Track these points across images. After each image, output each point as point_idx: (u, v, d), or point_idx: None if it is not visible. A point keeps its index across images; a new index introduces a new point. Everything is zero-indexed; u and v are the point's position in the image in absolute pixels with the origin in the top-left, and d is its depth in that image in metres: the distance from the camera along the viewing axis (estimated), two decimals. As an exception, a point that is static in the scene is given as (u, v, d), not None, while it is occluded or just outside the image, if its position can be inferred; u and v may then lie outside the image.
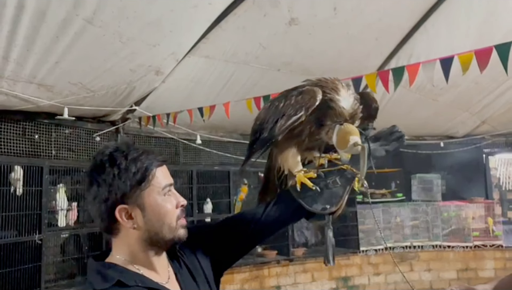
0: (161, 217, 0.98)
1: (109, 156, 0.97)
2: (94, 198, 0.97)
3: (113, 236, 1.00)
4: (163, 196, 0.99)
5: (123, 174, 0.95)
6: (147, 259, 1.00)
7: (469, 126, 6.09)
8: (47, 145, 3.57)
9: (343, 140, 1.12)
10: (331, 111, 1.14)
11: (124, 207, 0.96)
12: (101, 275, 0.95)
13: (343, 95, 1.16)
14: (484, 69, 1.92)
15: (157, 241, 0.99)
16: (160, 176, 0.99)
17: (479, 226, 5.92)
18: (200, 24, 3.17)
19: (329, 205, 1.15)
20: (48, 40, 2.58)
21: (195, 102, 3.71)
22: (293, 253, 5.20)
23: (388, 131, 1.24)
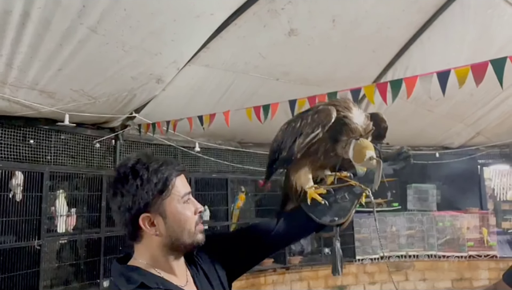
0: (182, 223, 1.03)
1: (131, 168, 1.02)
2: (119, 207, 1.02)
3: (136, 242, 1.05)
4: (182, 204, 1.04)
5: (145, 184, 1.00)
6: (167, 263, 1.04)
7: (464, 137, 6.17)
8: (46, 151, 3.59)
9: (359, 155, 1.18)
10: (347, 127, 1.21)
11: (147, 215, 1.01)
12: (125, 277, 0.99)
13: (355, 113, 1.23)
14: (480, 83, 1.97)
15: (178, 246, 1.04)
16: (179, 185, 1.04)
17: (473, 236, 5.97)
18: (202, 34, 3.22)
19: (337, 217, 1.21)
20: (52, 48, 2.62)
21: (194, 110, 3.75)
22: (290, 261, 5.23)
23: (396, 153, 1.30)
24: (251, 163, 5.46)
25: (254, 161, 5.52)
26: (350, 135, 1.21)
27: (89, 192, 3.65)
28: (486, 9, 3.83)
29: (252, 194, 5.31)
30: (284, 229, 1.22)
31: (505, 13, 3.84)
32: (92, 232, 3.64)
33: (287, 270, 5.22)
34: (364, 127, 1.23)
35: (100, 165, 4.11)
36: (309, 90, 3.95)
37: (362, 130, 1.22)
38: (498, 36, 4.09)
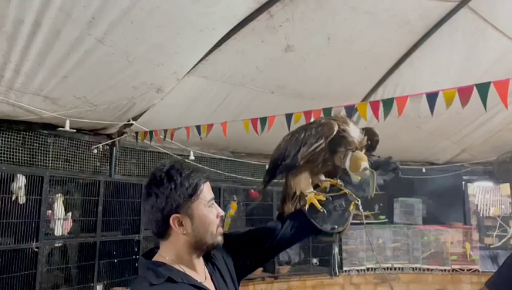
0: (206, 225, 1.14)
1: (166, 172, 1.13)
2: (152, 207, 1.13)
3: (163, 240, 1.16)
4: (208, 208, 1.15)
5: (178, 188, 1.11)
6: (190, 260, 1.15)
7: (450, 153, 6.36)
8: (45, 155, 3.66)
9: (355, 165, 1.33)
10: (345, 140, 1.36)
11: (177, 215, 1.12)
12: (153, 271, 1.10)
13: (352, 128, 1.38)
14: (465, 105, 2.12)
15: (201, 245, 1.15)
16: (206, 191, 1.16)
17: (457, 250, 6.14)
18: (202, 47, 3.34)
19: (337, 225, 1.35)
20: (59, 56, 2.71)
21: (190, 120, 3.85)
22: (278, 270, 5.31)
23: (385, 161, 1.43)
24: (243, 173, 5.57)
25: (246, 170, 5.63)
26: (348, 147, 1.36)
27: (86, 197, 3.71)
28: (473, 33, 4.02)
29: (244, 203, 5.40)
30: (288, 232, 1.34)
31: (491, 37, 4.04)
32: (87, 236, 3.69)
33: (275, 279, 5.30)
34: (359, 141, 1.38)
35: (97, 170, 4.18)
36: (303, 103, 4.10)
37: (357, 144, 1.36)
38: (484, 59, 4.29)
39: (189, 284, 1.10)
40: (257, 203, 5.51)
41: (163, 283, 1.07)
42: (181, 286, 1.09)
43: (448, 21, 3.84)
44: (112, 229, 3.92)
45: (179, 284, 1.09)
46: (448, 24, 3.87)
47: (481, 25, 3.90)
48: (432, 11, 3.67)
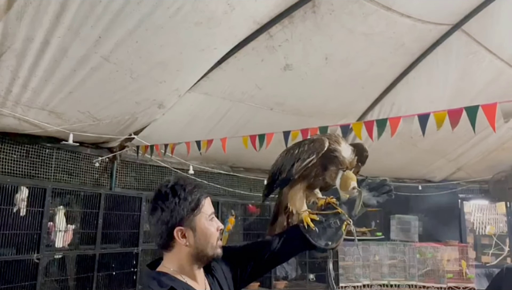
0: (207, 237, 1.22)
1: (171, 188, 1.22)
2: (158, 221, 1.21)
3: (166, 251, 1.24)
4: (209, 221, 1.23)
5: (182, 202, 1.20)
6: (192, 271, 1.22)
7: (446, 172, 6.45)
8: (48, 168, 3.73)
9: (344, 184, 1.41)
10: (336, 159, 1.43)
11: (180, 228, 1.20)
12: (157, 280, 1.17)
13: (343, 147, 1.45)
14: (455, 127, 2.21)
15: (202, 256, 1.22)
16: (207, 205, 1.25)
17: (453, 268, 6.15)
18: (204, 65, 3.45)
19: (331, 241, 1.41)
20: (66, 73, 2.81)
21: (190, 135, 3.93)
22: (275, 285, 5.34)
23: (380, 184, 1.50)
24: (241, 187, 5.63)
25: (244, 185, 5.69)
26: (339, 167, 1.43)
27: (86, 209, 3.77)
28: (467, 55, 4.15)
29: (241, 218, 5.46)
30: (284, 247, 1.41)
31: (484, 59, 4.17)
32: (87, 248, 3.74)
33: (272, 294, 5.33)
34: (350, 161, 1.45)
35: (98, 183, 4.25)
36: (301, 120, 4.20)
37: (348, 164, 1.44)
38: (478, 79, 4.41)
39: None
40: (255, 218, 5.56)
41: None
42: None
43: (443, 43, 3.97)
44: (111, 242, 3.97)
45: None
46: (443, 46, 4.00)
47: (474, 47, 4.03)
48: (426, 33, 3.80)
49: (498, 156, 5.89)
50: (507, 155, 5.97)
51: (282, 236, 1.43)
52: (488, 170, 6.24)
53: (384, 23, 3.52)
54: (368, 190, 1.50)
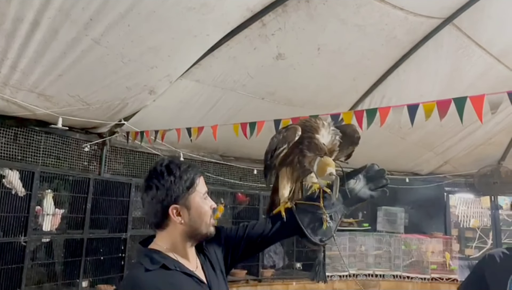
0: (201, 215, 1.24)
1: (166, 166, 1.23)
2: (152, 199, 1.22)
3: (160, 230, 1.25)
4: (203, 200, 1.25)
5: (177, 181, 1.21)
6: (184, 249, 1.24)
7: (433, 165, 6.53)
8: (36, 151, 3.70)
9: (321, 170, 1.39)
10: (313, 145, 1.43)
11: (176, 206, 1.21)
12: (149, 258, 1.19)
13: (323, 134, 1.44)
14: (443, 118, 2.25)
15: (196, 235, 1.24)
16: (201, 184, 1.27)
17: (437, 260, 6.27)
18: (196, 52, 3.44)
19: (325, 237, 1.42)
20: (56, 55, 2.77)
21: (181, 122, 3.93)
22: (262, 273, 5.39)
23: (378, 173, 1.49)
24: (232, 176, 5.65)
25: (234, 174, 5.71)
26: (316, 153, 1.42)
27: (75, 194, 3.75)
28: (457, 49, 4.19)
29: (231, 207, 5.48)
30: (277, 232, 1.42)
31: (474, 53, 4.22)
32: (75, 233, 3.74)
33: (259, 282, 5.37)
34: (329, 147, 1.44)
35: (87, 168, 4.23)
36: (292, 110, 4.21)
37: (326, 150, 1.43)
38: (467, 74, 4.47)
39: (181, 272, 1.19)
40: (244, 207, 5.59)
41: (157, 269, 1.16)
42: (174, 273, 1.18)
43: (434, 37, 4.00)
44: (99, 227, 3.97)
45: (172, 271, 1.18)
46: (434, 40, 4.03)
47: (465, 41, 4.07)
48: (418, 26, 3.82)
49: (484, 150, 5.99)
50: (493, 150, 6.08)
51: (276, 221, 1.43)
52: (474, 164, 6.34)
53: (377, 15, 3.54)
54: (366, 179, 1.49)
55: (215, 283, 1.26)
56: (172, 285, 1.15)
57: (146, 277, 1.14)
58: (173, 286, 1.15)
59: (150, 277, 1.14)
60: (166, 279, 1.15)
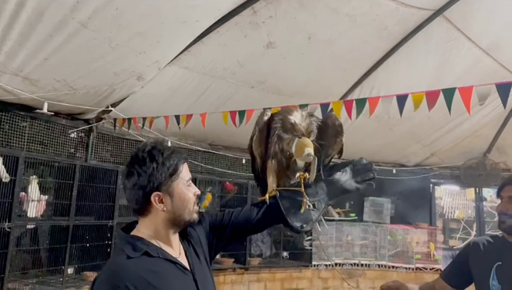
0: (185, 202, 1.21)
1: (148, 152, 1.20)
2: (134, 185, 1.18)
3: (142, 216, 1.22)
4: (186, 187, 1.22)
5: (160, 167, 1.18)
6: (167, 236, 1.22)
7: (420, 157, 6.60)
8: (21, 137, 3.63)
9: (299, 151, 1.39)
10: (289, 126, 1.43)
11: (158, 193, 1.18)
12: (131, 245, 1.16)
13: (297, 116, 1.45)
14: (431, 108, 2.26)
15: (179, 221, 1.22)
16: (185, 171, 1.23)
17: (421, 250, 6.38)
18: (185, 38, 3.39)
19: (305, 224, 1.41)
20: (41, 38, 2.71)
21: (169, 110, 3.89)
22: (249, 262, 5.41)
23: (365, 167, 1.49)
24: (220, 165, 5.64)
25: (223, 163, 5.70)
26: (293, 133, 1.42)
27: (61, 180, 3.71)
28: (447, 41, 4.21)
29: (219, 195, 5.48)
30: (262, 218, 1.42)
31: (463, 46, 4.24)
32: (61, 220, 3.69)
33: (246, 271, 5.40)
34: (306, 128, 1.44)
35: (73, 155, 4.17)
36: (281, 100, 4.20)
37: (304, 130, 1.43)
38: (456, 66, 4.49)
39: (164, 259, 1.17)
40: (232, 195, 5.59)
41: (139, 256, 1.14)
42: (157, 260, 1.16)
43: (424, 29, 4.00)
44: (85, 214, 3.93)
45: (155, 259, 1.16)
46: (424, 32, 4.04)
47: (454, 34, 4.09)
48: (409, 17, 3.82)
49: (470, 143, 6.07)
50: (479, 142, 6.16)
51: (261, 208, 1.43)
52: (460, 156, 6.42)
53: (368, 5, 3.53)
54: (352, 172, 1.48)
55: (198, 270, 1.25)
56: (155, 273, 1.13)
57: (127, 264, 1.12)
58: (155, 273, 1.13)
59: (132, 264, 1.12)
60: (148, 266, 1.13)
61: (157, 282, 1.11)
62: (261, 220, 1.42)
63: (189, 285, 1.20)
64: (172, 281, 1.16)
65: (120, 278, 1.08)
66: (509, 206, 1.70)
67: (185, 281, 1.20)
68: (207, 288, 1.25)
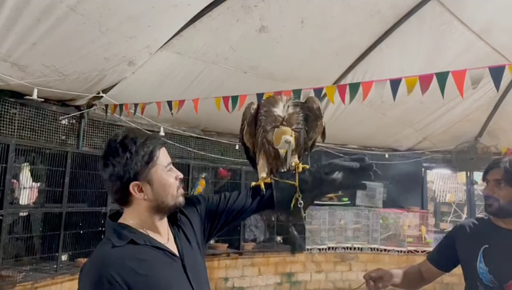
0: (166, 188, 1.19)
1: (120, 142, 1.16)
2: (110, 177, 1.16)
3: (125, 207, 1.20)
4: (166, 172, 1.20)
5: (134, 156, 1.15)
6: (153, 223, 1.20)
7: (412, 141, 6.64)
8: (10, 124, 3.58)
9: (278, 139, 1.41)
10: (270, 118, 1.44)
11: (136, 183, 1.15)
12: (117, 234, 1.15)
13: (279, 106, 1.45)
14: (425, 92, 2.26)
15: (163, 208, 1.20)
16: (162, 156, 1.20)
17: (413, 233, 6.46)
18: (177, 22, 3.34)
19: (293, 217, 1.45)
20: (29, 23, 2.65)
21: (162, 96, 3.85)
22: (243, 247, 5.45)
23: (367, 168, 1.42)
24: (213, 151, 5.63)
25: (216, 149, 5.69)
26: (273, 124, 1.43)
27: (52, 167, 3.68)
28: (440, 25, 4.20)
29: (212, 182, 5.48)
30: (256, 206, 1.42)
31: (456, 30, 4.23)
32: (53, 207, 3.68)
33: (240, 256, 5.45)
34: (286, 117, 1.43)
35: (64, 142, 4.13)
36: (274, 85, 4.18)
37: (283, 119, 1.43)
38: (449, 50, 4.49)
39: (151, 246, 1.16)
40: (226, 181, 5.60)
41: (125, 245, 1.12)
42: (143, 248, 1.14)
43: (417, 12, 3.98)
44: (78, 201, 3.91)
45: (142, 246, 1.14)
46: (417, 16, 4.02)
47: (448, 17, 4.07)
48: (402, 1, 3.81)
49: (462, 127, 6.11)
50: (471, 126, 6.20)
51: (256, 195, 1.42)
52: (452, 140, 6.46)
53: (361, -12, 3.50)
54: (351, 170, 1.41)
55: (189, 255, 1.23)
56: (141, 260, 1.11)
57: (113, 253, 1.10)
58: (141, 261, 1.11)
59: (117, 253, 1.10)
60: (134, 254, 1.12)
61: (143, 270, 1.10)
62: (255, 207, 1.42)
63: (177, 271, 1.18)
64: (159, 268, 1.14)
65: (105, 268, 1.06)
66: (495, 189, 1.71)
67: (173, 268, 1.18)
68: (197, 273, 1.23)
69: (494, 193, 1.71)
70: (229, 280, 5.36)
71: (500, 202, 1.69)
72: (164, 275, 1.14)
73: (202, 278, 1.26)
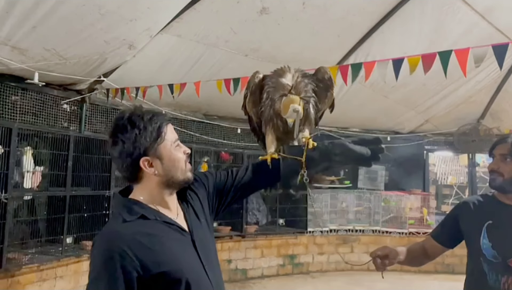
0: (176, 163, 1.21)
1: (128, 119, 1.17)
2: (120, 154, 1.17)
3: (135, 183, 1.22)
4: (174, 147, 1.21)
5: (143, 133, 1.16)
6: (163, 199, 1.22)
7: (414, 124, 6.62)
8: (12, 108, 3.59)
9: (285, 108, 1.38)
10: (278, 86, 1.41)
11: (146, 158, 1.17)
12: (127, 209, 1.16)
13: (287, 76, 1.42)
14: (427, 71, 2.24)
15: (172, 182, 1.21)
16: (169, 132, 1.21)
17: (415, 215, 6.50)
18: (177, 4, 3.31)
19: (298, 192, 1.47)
20: (29, 5, 2.63)
21: (163, 79, 3.84)
22: (246, 229, 5.50)
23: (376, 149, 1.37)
24: (215, 135, 5.63)
25: (218, 133, 5.69)
26: (281, 92, 1.41)
27: (55, 151, 3.69)
28: (442, 6, 4.14)
29: (214, 165, 5.50)
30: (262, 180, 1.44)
31: (459, 10, 4.18)
32: (57, 190, 3.71)
33: (243, 238, 5.50)
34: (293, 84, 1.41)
35: (66, 126, 4.14)
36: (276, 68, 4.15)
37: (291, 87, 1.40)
38: (452, 31, 4.44)
39: (162, 221, 1.18)
40: (228, 165, 5.62)
41: (135, 220, 1.14)
42: (154, 223, 1.16)
43: (420, -7, 3.93)
44: (82, 185, 3.94)
45: (152, 221, 1.16)
46: (419, -4, 3.97)
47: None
48: (404, -19, 3.75)
49: (464, 109, 6.08)
50: (473, 108, 6.18)
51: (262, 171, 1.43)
52: (454, 123, 6.45)
53: (364, -32, 3.45)
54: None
55: (198, 231, 1.25)
56: (151, 235, 1.13)
57: (123, 228, 1.12)
58: (152, 235, 1.13)
59: (128, 228, 1.12)
60: (145, 229, 1.13)
61: (153, 244, 1.12)
62: (262, 182, 1.45)
63: (187, 246, 1.21)
64: (169, 242, 1.16)
65: (116, 242, 1.08)
66: (500, 164, 1.71)
67: (183, 243, 1.20)
68: (206, 248, 1.25)
69: (499, 167, 1.71)
70: (232, 262, 5.42)
71: (504, 177, 1.69)
72: (174, 250, 1.16)
73: (211, 253, 1.28)
